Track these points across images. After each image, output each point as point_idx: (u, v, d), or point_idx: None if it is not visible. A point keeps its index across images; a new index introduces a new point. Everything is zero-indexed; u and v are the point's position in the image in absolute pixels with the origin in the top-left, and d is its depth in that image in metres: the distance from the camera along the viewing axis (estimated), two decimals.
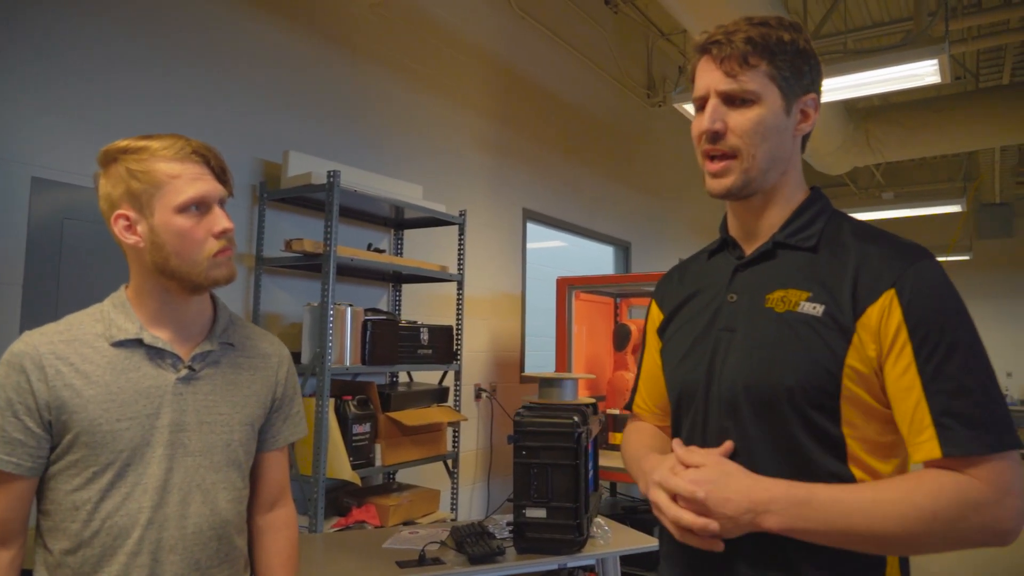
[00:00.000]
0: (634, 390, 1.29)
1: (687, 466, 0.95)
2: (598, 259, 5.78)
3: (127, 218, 1.09)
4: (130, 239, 1.09)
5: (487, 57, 4.34)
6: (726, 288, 1.06)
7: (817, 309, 0.94)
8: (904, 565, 0.96)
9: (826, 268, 0.97)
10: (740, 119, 0.98)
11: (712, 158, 1.01)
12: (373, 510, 2.79)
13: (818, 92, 1.04)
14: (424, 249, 3.71)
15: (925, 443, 0.86)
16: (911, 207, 7.72)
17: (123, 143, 1.10)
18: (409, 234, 3.62)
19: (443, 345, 3.23)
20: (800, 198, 1.05)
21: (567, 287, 3.93)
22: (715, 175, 1.01)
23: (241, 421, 1.19)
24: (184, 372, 1.13)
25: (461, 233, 3.40)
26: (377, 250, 3.17)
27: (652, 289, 4.21)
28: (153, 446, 1.09)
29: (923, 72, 3.25)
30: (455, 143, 4.04)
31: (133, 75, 2.48)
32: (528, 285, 4.65)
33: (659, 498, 0.94)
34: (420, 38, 3.81)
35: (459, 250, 3.40)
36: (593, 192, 5.45)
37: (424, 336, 3.12)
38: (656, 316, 1.22)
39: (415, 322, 3.13)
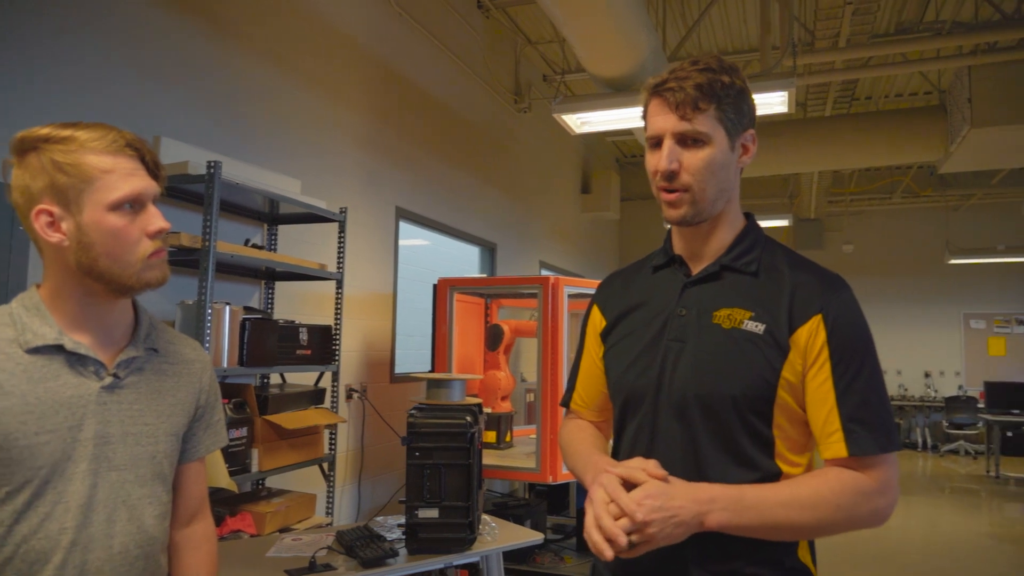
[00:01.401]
0: (570, 388, 1.36)
1: (628, 483, 0.99)
2: (461, 258, 5.82)
3: (50, 214, 0.99)
4: (53, 237, 1.00)
5: (364, 52, 4.26)
6: (676, 302, 1.16)
7: (759, 327, 1.08)
8: (811, 544, 1.12)
9: (765, 292, 1.11)
10: (693, 159, 1.09)
11: (667, 191, 1.12)
12: (249, 518, 2.66)
13: (755, 126, 1.17)
14: (297, 246, 3.58)
15: (834, 444, 1.04)
16: None
17: (43, 131, 1.00)
18: (282, 230, 3.48)
19: (321, 345, 3.14)
20: (741, 224, 1.19)
21: (448, 288, 3.95)
22: (670, 205, 1.12)
23: (167, 431, 1.12)
24: (109, 380, 1.05)
25: (342, 231, 3.32)
26: (255, 246, 3.03)
27: (523, 291, 4.28)
28: (75, 461, 1.00)
29: (773, 102, 3.62)
30: (331, 138, 3.93)
31: None
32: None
33: (598, 511, 0.97)
34: (298, 27, 3.67)
35: (339, 248, 3.33)
36: (463, 193, 5.50)
37: (303, 336, 3.02)
38: (598, 320, 1.30)
39: (293, 322, 3.03)
